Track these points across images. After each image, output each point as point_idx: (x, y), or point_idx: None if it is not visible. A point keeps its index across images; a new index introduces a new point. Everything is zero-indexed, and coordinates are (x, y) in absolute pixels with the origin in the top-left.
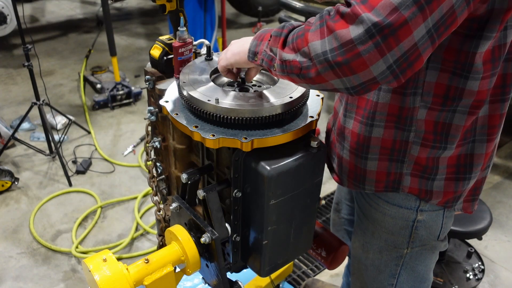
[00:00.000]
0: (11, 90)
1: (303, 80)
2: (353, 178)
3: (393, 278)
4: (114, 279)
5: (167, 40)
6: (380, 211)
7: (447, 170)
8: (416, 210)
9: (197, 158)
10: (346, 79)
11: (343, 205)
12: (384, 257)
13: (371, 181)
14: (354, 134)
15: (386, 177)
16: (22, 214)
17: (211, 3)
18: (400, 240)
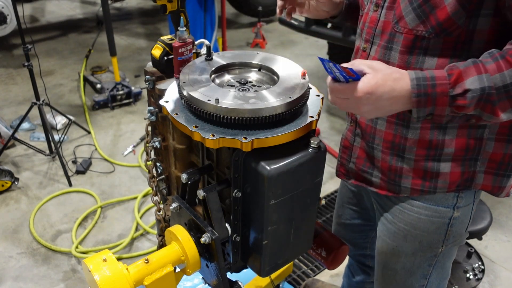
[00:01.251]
0: (11, 90)
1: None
2: (420, 184)
3: (425, 279)
4: (114, 279)
5: (168, 40)
6: (415, 212)
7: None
8: (453, 208)
9: (197, 158)
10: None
11: (344, 209)
12: (417, 259)
13: (444, 183)
14: (424, 142)
15: (460, 177)
16: (22, 214)
17: (211, 3)
18: (435, 240)
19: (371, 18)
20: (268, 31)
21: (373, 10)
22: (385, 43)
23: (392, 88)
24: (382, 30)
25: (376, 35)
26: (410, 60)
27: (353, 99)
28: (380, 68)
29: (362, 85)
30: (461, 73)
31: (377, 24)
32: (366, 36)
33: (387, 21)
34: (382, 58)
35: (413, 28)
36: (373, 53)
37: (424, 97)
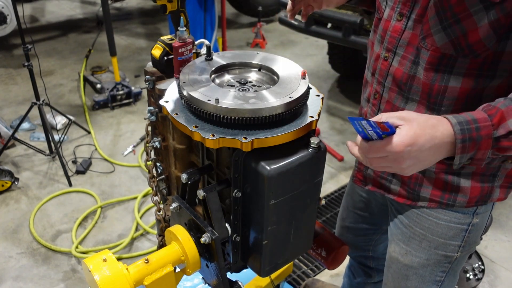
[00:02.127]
0: (11, 90)
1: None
2: (439, 196)
3: (437, 285)
4: (114, 279)
5: (168, 40)
6: (433, 217)
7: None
8: (473, 214)
9: (197, 158)
10: None
11: (349, 213)
12: (431, 265)
13: (463, 197)
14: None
15: (480, 192)
16: (22, 214)
17: (211, 3)
18: (452, 246)
19: (394, 27)
20: (268, 31)
21: (396, 19)
22: (412, 57)
23: (432, 135)
24: (408, 42)
25: (400, 46)
26: (435, 77)
27: (392, 155)
28: (412, 117)
29: (400, 138)
30: (503, 113)
31: (402, 34)
32: (388, 45)
33: (414, 34)
34: (408, 72)
35: (441, 47)
36: (396, 63)
37: (469, 142)
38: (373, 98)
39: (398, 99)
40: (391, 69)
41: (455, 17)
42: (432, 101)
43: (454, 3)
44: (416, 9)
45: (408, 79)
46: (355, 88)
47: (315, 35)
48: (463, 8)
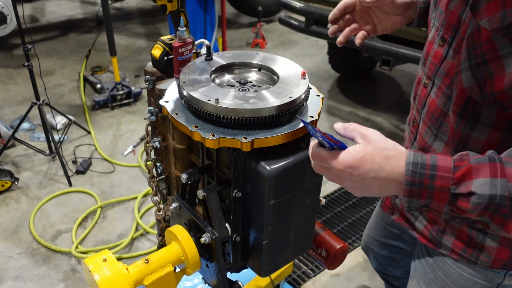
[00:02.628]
0: (11, 90)
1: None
2: (462, 249)
3: None
4: (114, 279)
5: (168, 40)
6: (457, 267)
7: None
8: (505, 275)
9: (197, 158)
10: None
11: (380, 226)
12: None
13: (487, 258)
14: None
15: (509, 256)
16: (22, 214)
17: (211, 3)
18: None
19: (435, 52)
20: (268, 31)
21: (438, 44)
22: (447, 91)
23: (380, 167)
24: (446, 72)
25: (439, 75)
26: (458, 122)
27: (334, 171)
28: (373, 140)
29: (344, 157)
30: (471, 169)
31: (442, 62)
32: (428, 71)
33: (454, 65)
34: (442, 107)
35: (467, 88)
36: (433, 95)
37: (418, 187)
38: (412, 125)
39: (428, 134)
40: (428, 99)
41: (483, 56)
42: (454, 147)
43: (484, 40)
44: (457, 37)
45: (440, 115)
46: (355, 88)
47: (315, 35)
48: (491, 48)
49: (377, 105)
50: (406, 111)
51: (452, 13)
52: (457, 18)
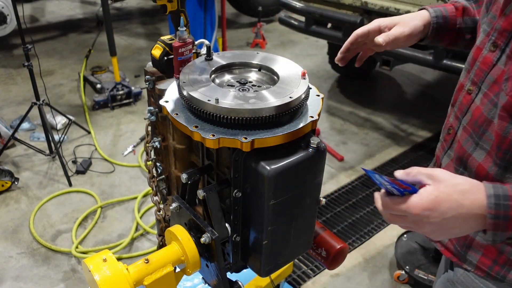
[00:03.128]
0: (11, 90)
1: None
2: (488, 266)
3: None
4: (114, 279)
5: (168, 40)
6: (481, 283)
7: None
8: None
9: (197, 158)
10: None
11: None
12: None
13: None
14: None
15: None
16: (22, 214)
17: (211, 3)
18: None
19: (484, 58)
20: (268, 31)
21: (489, 50)
22: (494, 97)
23: (458, 203)
24: (495, 79)
25: (486, 82)
26: (508, 129)
27: (410, 217)
28: (442, 178)
29: (419, 200)
30: None
31: (491, 69)
32: (475, 77)
33: (504, 71)
34: (486, 114)
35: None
36: (479, 101)
37: (504, 220)
38: (446, 132)
39: (469, 142)
40: (472, 106)
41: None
42: (500, 156)
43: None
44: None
45: (483, 122)
46: (355, 88)
47: (315, 35)
48: None
49: (377, 105)
50: (406, 111)
51: (508, 18)
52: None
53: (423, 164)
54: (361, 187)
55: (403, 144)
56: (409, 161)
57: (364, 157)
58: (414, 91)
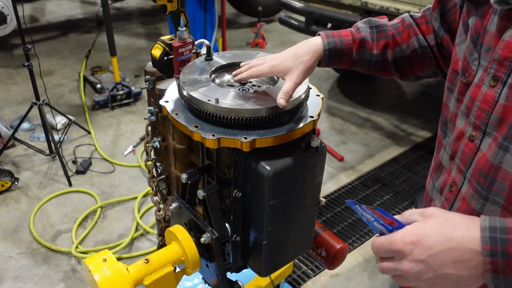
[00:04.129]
0: (11, 90)
1: None
2: None
3: None
4: (114, 279)
5: (168, 40)
6: None
7: None
8: None
9: (197, 158)
10: None
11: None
12: None
13: None
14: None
15: None
16: (22, 214)
17: (211, 3)
18: None
19: (484, 96)
20: (268, 31)
21: (488, 85)
22: (502, 140)
23: (447, 236)
24: (501, 118)
25: (491, 124)
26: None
27: (397, 256)
28: (434, 214)
29: (402, 234)
30: None
31: (494, 107)
32: (476, 120)
33: (508, 107)
34: (493, 161)
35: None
36: (485, 148)
37: (503, 258)
38: (448, 190)
39: (474, 197)
40: (477, 154)
41: None
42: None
43: None
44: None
45: (489, 171)
46: (355, 88)
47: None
48: None
49: (377, 105)
50: (406, 111)
51: (508, 44)
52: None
53: (423, 164)
54: (361, 187)
55: (403, 144)
56: (409, 161)
57: (364, 157)
58: (414, 91)
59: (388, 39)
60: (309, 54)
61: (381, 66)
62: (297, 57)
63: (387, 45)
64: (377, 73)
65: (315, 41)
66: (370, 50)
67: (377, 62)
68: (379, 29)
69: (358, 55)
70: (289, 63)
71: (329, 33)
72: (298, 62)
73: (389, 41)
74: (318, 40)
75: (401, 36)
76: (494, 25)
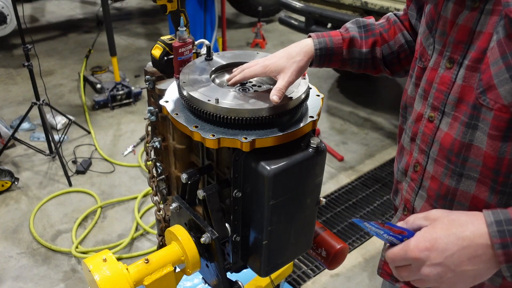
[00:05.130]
0: (11, 90)
1: None
2: None
3: None
4: (114, 279)
5: (168, 40)
6: None
7: None
8: None
9: (197, 158)
10: None
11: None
12: None
13: None
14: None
15: None
16: (22, 214)
17: (211, 3)
18: None
19: (441, 78)
20: (268, 31)
21: (445, 67)
22: (466, 118)
23: (458, 237)
24: (459, 98)
25: (449, 104)
26: (504, 148)
27: (413, 264)
28: (437, 216)
29: (415, 242)
30: None
31: (451, 87)
32: (434, 101)
33: (468, 87)
34: (461, 139)
35: (510, 104)
36: (445, 127)
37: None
38: (412, 171)
39: (447, 175)
40: (438, 134)
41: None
42: (501, 180)
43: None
44: (471, 53)
45: (461, 148)
46: (355, 88)
47: None
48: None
49: (377, 105)
50: None
51: (462, 27)
52: (469, 31)
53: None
54: (361, 187)
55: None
56: None
57: (364, 157)
58: None
59: (376, 37)
60: (301, 54)
61: (371, 63)
62: (290, 57)
63: (375, 42)
64: (368, 71)
65: (306, 42)
66: (359, 48)
67: (367, 60)
68: (367, 28)
69: (348, 53)
70: (282, 63)
71: (319, 34)
72: (291, 62)
73: (377, 39)
74: (309, 41)
75: (388, 33)
76: (448, 11)
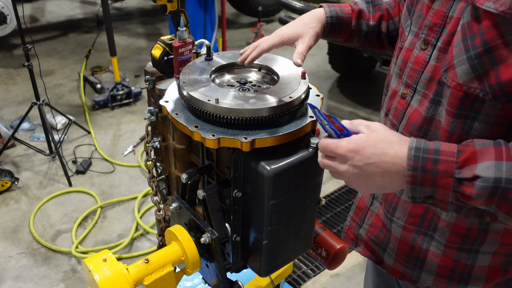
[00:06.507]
0: (11, 90)
1: None
2: (448, 277)
3: None
4: (114, 279)
5: (168, 40)
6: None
7: None
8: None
9: (197, 158)
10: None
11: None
12: None
13: (478, 280)
14: (462, 227)
15: (502, 275)
16: (22, 214)
17: (211, 3)
18: None
19: (416, 58)
20: (268, 31)
21: (420, 48)
22: (432, 95)
23: (383, 151)
24: (431, 76)
25: (421, 82)
26: (455, 124)
27: (337, 158)
28: (378, 129)
29: (347, 142)
30: (475, 153)
31: (425, 67)
32: (408, 80)
33: (438, 67)
34: (427, 115)
35: (463, 84)
36: (415, 103)
37: (421, 172)
38: None
39: None
40: (408, 110)
41: (485, 45)
42: None
43: (486, 27)
44: (443, 36)
45: (423, 123)
46: (355, 88)
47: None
48: (496, 34)
49: (377, 105)
50: None
51: (437, 12)
52: (443, 16)
53: None
54: None
55: None
56: None
57: None
58: None
59: (383, 12)
60: (315, 21)
61: (376, 37)
62: (305, 25)
63: (382, 17)
64: (372, 46)
65: (318, 10)
66: (367, 20)
67: (373, 33)
68: (374, 3)
69: (356, 25)
70: (299, 30)
71: (330, 4)
72: (308, 28)
73: (384, 13)
74: (321, 10)
75: (394, 10)
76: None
